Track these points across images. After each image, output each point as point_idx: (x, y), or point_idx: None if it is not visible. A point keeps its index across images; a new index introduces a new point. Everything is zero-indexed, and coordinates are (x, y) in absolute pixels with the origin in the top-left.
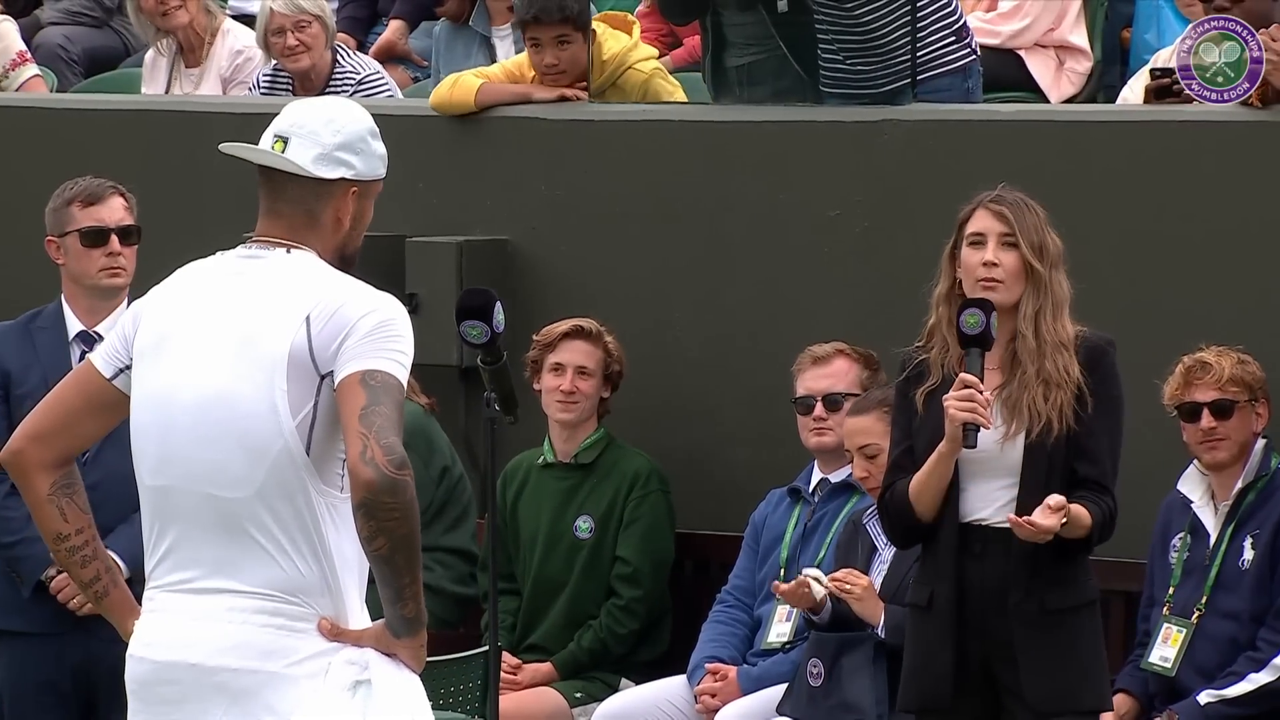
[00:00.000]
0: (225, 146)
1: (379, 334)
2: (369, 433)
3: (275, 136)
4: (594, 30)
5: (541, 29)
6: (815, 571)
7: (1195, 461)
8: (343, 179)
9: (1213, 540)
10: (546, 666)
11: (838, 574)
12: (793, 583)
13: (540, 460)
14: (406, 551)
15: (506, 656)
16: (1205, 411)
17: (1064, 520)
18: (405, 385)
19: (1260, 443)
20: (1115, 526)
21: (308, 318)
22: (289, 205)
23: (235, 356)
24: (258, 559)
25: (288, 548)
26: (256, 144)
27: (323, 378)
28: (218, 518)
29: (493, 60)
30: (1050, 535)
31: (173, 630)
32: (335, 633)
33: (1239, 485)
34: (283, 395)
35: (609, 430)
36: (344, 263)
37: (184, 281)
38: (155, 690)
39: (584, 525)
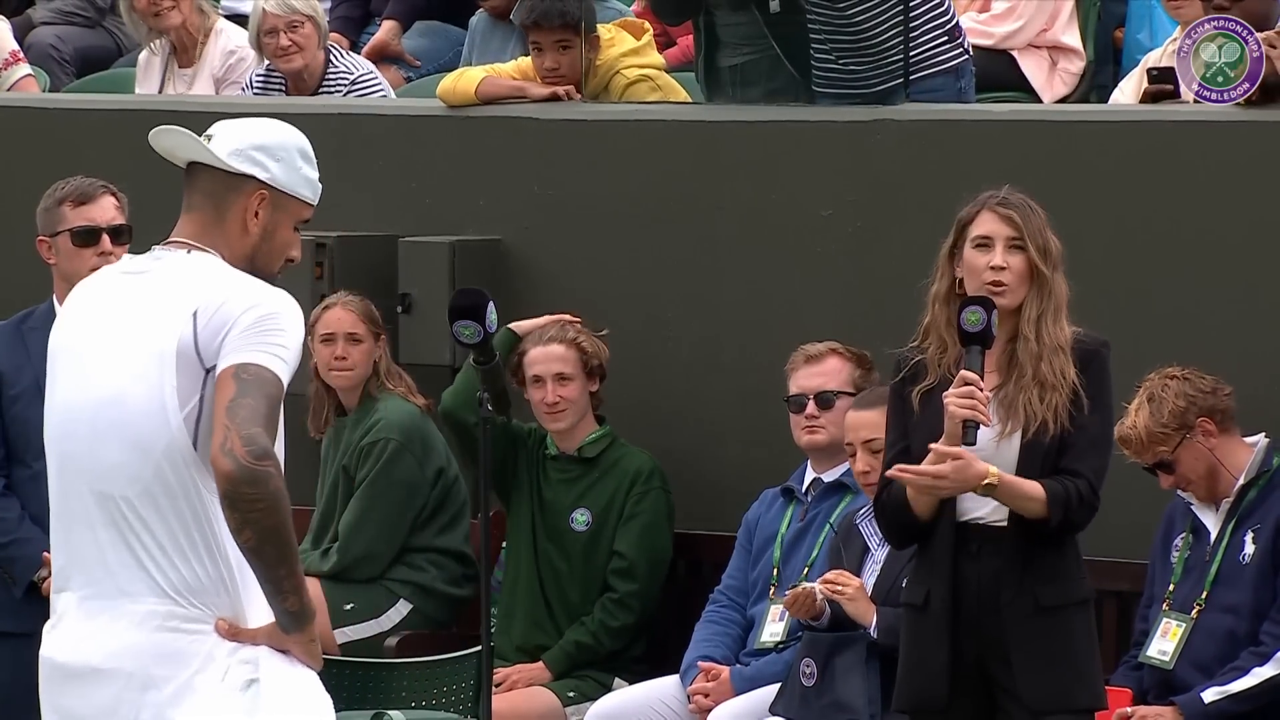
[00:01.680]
0: (153, 134)
1: (259, 327)
2: (231, 424)
3: (206, 135)
4: (598, 37)
5: (542, 33)
6: (815, 586)
7: None
8: (253, 178)
9: (1213, 537)
10: (538, 665)
11: (829, 575)
12: (797, 590)
13: (548, 451)
14: (276, 543)
15: (499, 674)
16: (1159, 473)
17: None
18: (283, 379)
19: (1262, 441)
20: (1090, 513)
21: (195, 313)
22: (201, 198)
23: (127, 356)
24: (151, 561)
25: (184, 546)
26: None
27: (207, 372)
28: (111, 518)
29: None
30: (939, 485)
31: (76, 632)
32: (233, 633)
33: (1240, 482)
34: (171, 390)
35: (612, 428)
36: (256, 276)
37: (87, 289)
38: (63, 698)
39: (581, 518)
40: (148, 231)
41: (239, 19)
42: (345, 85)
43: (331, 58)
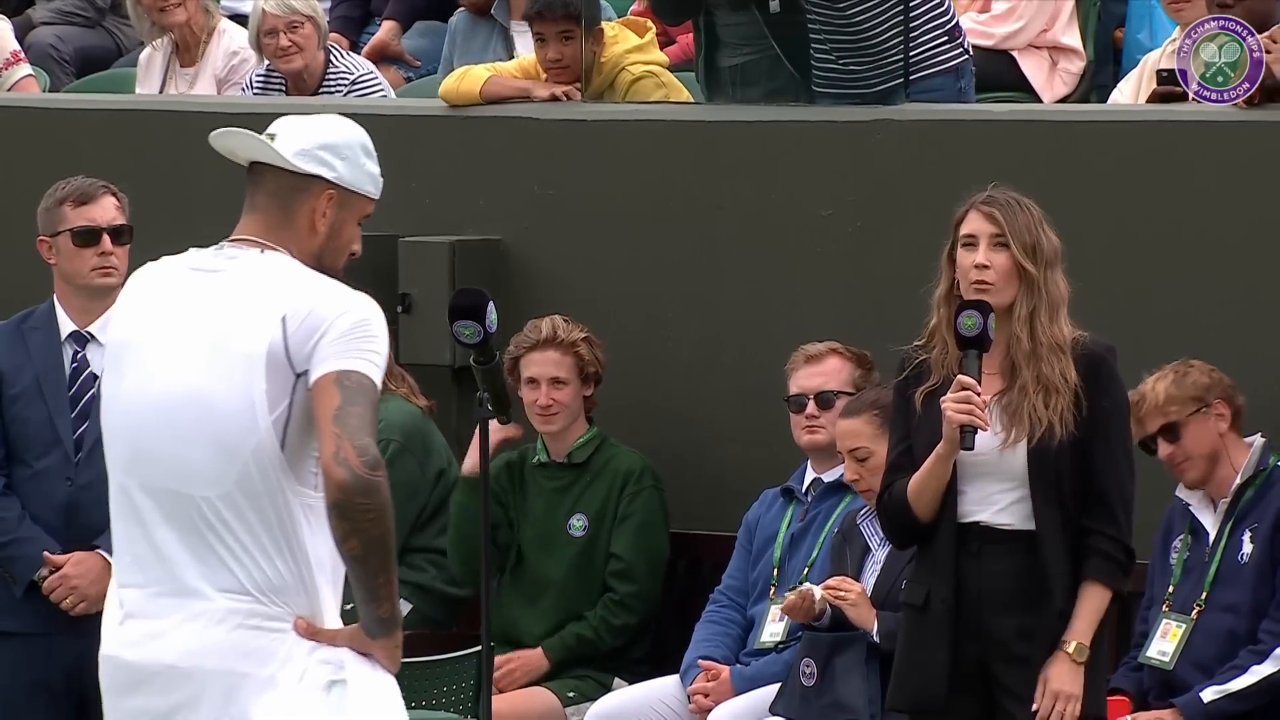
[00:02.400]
0: (213, 134)
1: (354, 334)
2: (343, 433)
3: (268, 134)
4: (602, 30)
5: (545, 24)
6: (815, 588)
7: None
8: (320, 178)
9: (1212, 538)
10: (536, 652)
11: (830, 581)
12: (795, 595)
13: (535, 459)
14: (380, 552)
15: (499, 661)
16: (1160, 441)
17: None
18: (379, 385)
19: (1259, 441)
20: (1133, 562)
21: (284, 317)
22: (267, 199)
23: (209, 356)
24: (232, 559)
25: (267, 546)
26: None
27: (298, 376)
28: (192, 516)
29: (510, 54)
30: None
31: (147, 631)
32: (311, 631)
33: (1237, 481)
34: (261, 394)
35: (601, 429)
36: (322, 274)
37: (152, 281)
38: (131, 699)
39: (578, 523)
40: (148, 231)
41: (239, 19)
42: (345, 85)
43: (331, 58)
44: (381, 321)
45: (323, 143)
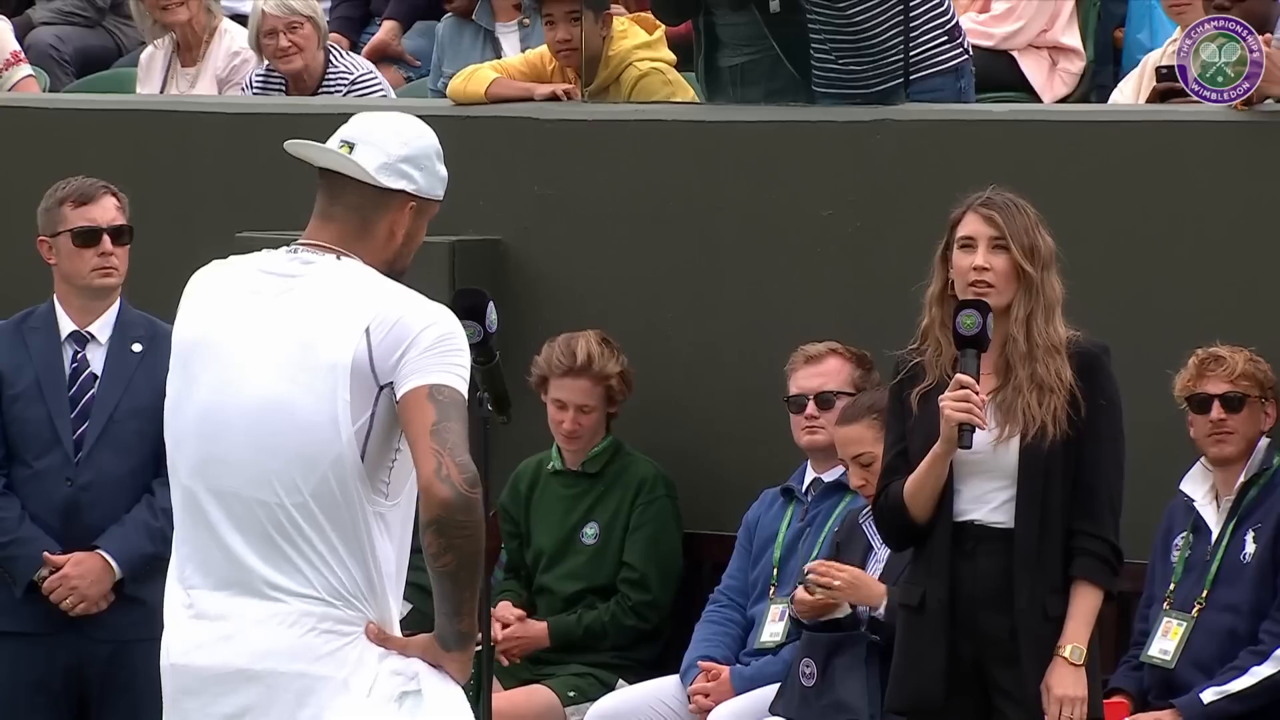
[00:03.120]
0: (290, 144)
1: (441, 347)
2: (443, 450)
3: (342, 141)
4: (611, 16)
5: (554, 5)
6: (809, 575)
7: (1201, 460)
8: (403, 191)
9: (1214, 536)
10: (541, 626)
11: (815, 564)
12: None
13: (550, 466)
14: (471, 568)
15: (510, 610)
16: (1216, 403)
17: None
18: (467, 400)
19: (1263, 441)
20: (1121, 564)
21: (368, 329)
22: (345, 210)
23: (293, 364)
24: (306, 564)
25: (341, 552)
26: (318, 146)
27: (381, 388)
28: (266, 522)
29: (498, 56)
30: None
31: (213, 635)
32: (382, 638)
33: (1241, 479)
34: (345, 405)
35: (617, 437)
36: (390, 278)
37: (221, 282)
38: (199, 701)
39: (590, 532)
40: (148, 232)
41: (241, 19)
42: (345, 85)
43: (331, 58)
44: (464, 335)
45: (403, 155)
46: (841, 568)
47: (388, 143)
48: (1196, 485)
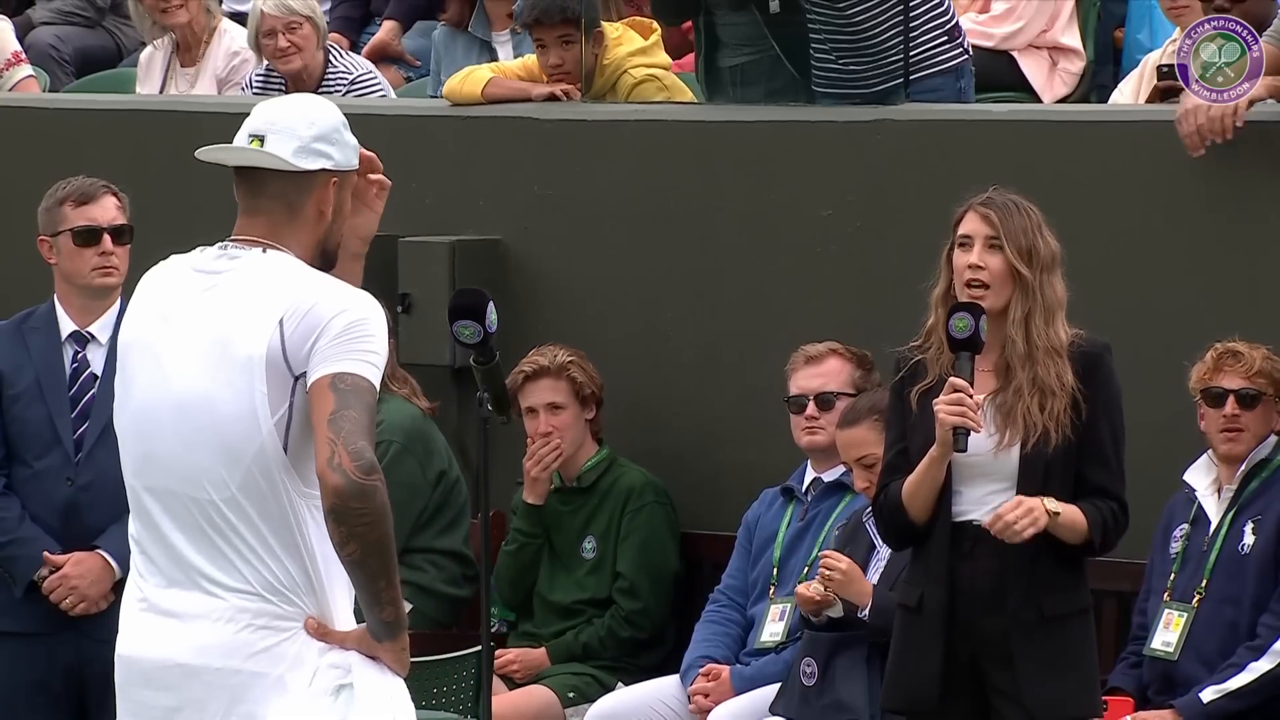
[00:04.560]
0: (201, 152)
1: (349, 334)
2: (337, 438)
3: (250, 135)
4: (602, 31)
5: (545, 30)
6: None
7: (1209, 452)
8: (323, 170)
9: (1213, 527)
10: (540, 652)
11: (826, 552)
12: (805, 588)
13: (550, 485)
14: (379, 556)
15: (500, 654)
16: (1231, 399)
17: (1038, 519)
18: (376, 386)
19: (1272, 438)
20: (1121, 534)
21: (281, 320)
22: (270, 201)
23: (213, 360)
24: (240, 559)
25: (274, 546)
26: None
27: (297, 379)
28: (200, 519)
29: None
30: (1025, 534)
31: (159, 629)
32: (322, 632)
33: (1242, 470)
34: (263, 398)
35: (611, 449)
36: (325, 257)
37: (158, 282)
38: (142, 692)
39: (589, 546)
40: (148, 231)
41: (240, 19)
42: (345, 85)
43: (331, 58)
44: (381, 320)
45: (315, 135)
46: (840, 558)
47: (296, 126)
48: (1200, 477)
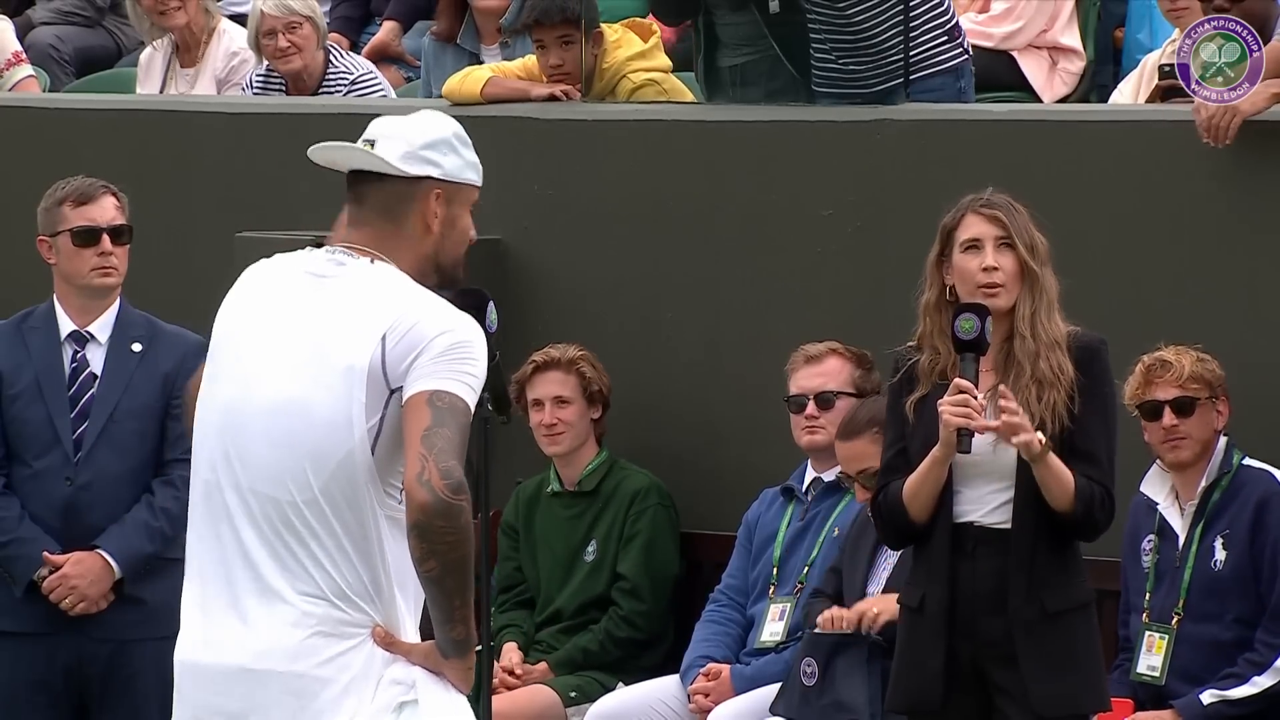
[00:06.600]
0: (313, 150)
1: (451, 355)
2: (429, 454)
3: (364, 142)
4: (602, 32)
5: (544, 31)
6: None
7: (1158, 462)
8: (428, 178)
9: (1181, 542)
10: (541, 666)
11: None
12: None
13: (549, 489)
14: (458, 575)
15: (512, 664)
16: (1167, 410)
17: (1032, 436)
18: (472, 408)
19: (1222, 440)
20: (1109, 520)
21: (384, 334)
22: (374, 212)
23: (311, 364)
24: (313, 563)
25: (349, 552)
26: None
27: (392, 392)
28: (277, 519)
29: None
30: (1020, 436)
31: (222, 632)
32: (388, 641)
33: (1203, 484)
34: (360, 406)
35: (611, 453)
36: (440, 273)
37: (264, 281)
38: (206, 697)
39: (591, 550)
40: (148, 231)
41: (240, 19)
42: (345, 85)
43: (331, 58)
44: (482, 345)
45: (425, 142)
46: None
47: (408, 133)
48: (1156, 488)
